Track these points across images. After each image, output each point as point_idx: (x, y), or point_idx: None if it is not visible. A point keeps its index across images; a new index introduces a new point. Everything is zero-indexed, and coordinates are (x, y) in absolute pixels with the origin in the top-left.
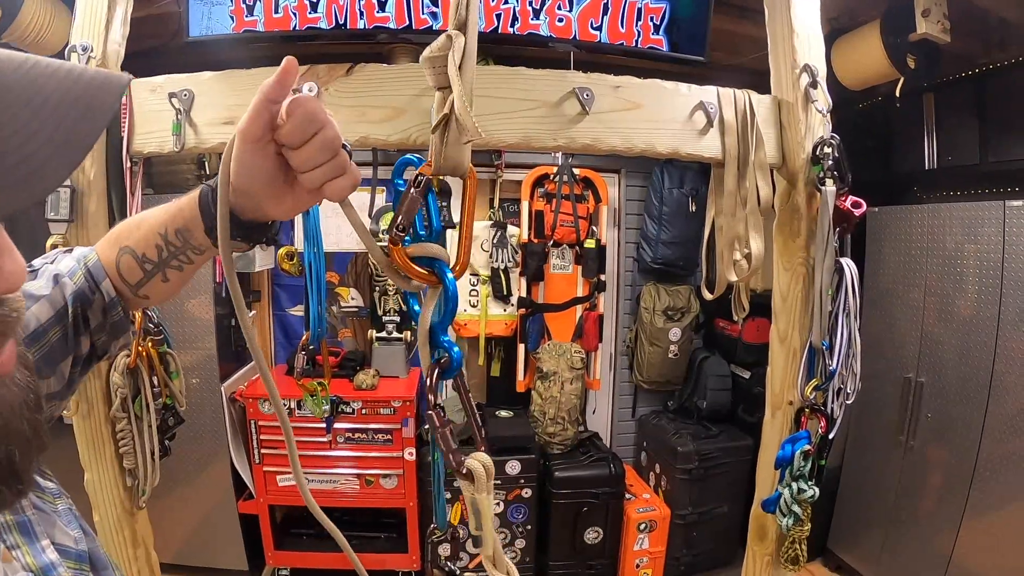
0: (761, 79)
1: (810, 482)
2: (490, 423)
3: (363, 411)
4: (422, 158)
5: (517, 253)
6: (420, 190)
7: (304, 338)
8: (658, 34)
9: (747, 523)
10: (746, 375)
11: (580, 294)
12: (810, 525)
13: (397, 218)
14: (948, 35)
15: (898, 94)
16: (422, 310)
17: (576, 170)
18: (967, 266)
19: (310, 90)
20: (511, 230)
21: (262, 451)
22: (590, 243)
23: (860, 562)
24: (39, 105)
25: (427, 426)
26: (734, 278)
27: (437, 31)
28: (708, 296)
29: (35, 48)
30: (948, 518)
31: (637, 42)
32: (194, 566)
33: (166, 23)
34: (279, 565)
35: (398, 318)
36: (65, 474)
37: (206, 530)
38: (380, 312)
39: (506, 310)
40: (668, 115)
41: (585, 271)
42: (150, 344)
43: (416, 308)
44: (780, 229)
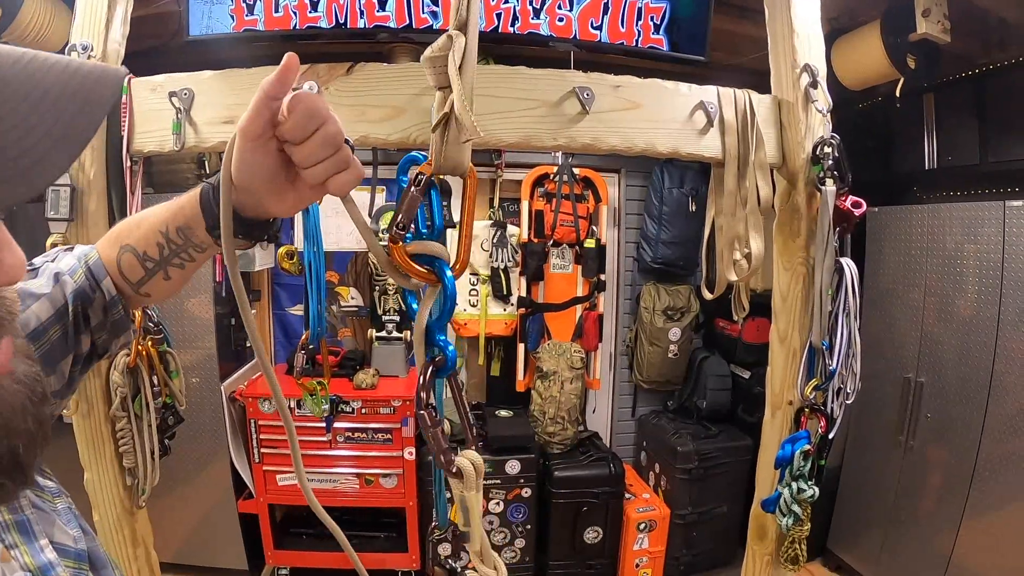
0: (761, 79)
1: (810, 482)
2: (490, 423)
3: (363, 410)
4: (427, 155)
5: (517, 253)
6: (420, 189)
7: (304, 337)
8: (658, 34)
9: (747, 523)
10: (746, 375)
11: (580, 294)
12: (810, 525)
13: (397, 216)
14: (948, 35)
15: (898, 94)
16: (419, 308)
17: (576, 170)
18: (967, 266)
19: (311, 88)
20: (511, 230)
21: (262, 450)
22: (590, 243)
23: (860, 562)
24: (38, 98)
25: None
26: (734, 278)
27: (437, 31)
28: (708, 296)
29: (35, 47)
30: (948, 518)
31: (637, 42)
32: (194, 565)
33: (166, 22)
34: (279, 564)
35: (398, 317)
36: (65, 473)
37: (206, 529)
38: (380, 311)
39: (506, 310)
40: (668, 115)
41: (585, 271)
42: (150, 343)
43: (415, 307)
44: (780, 229)
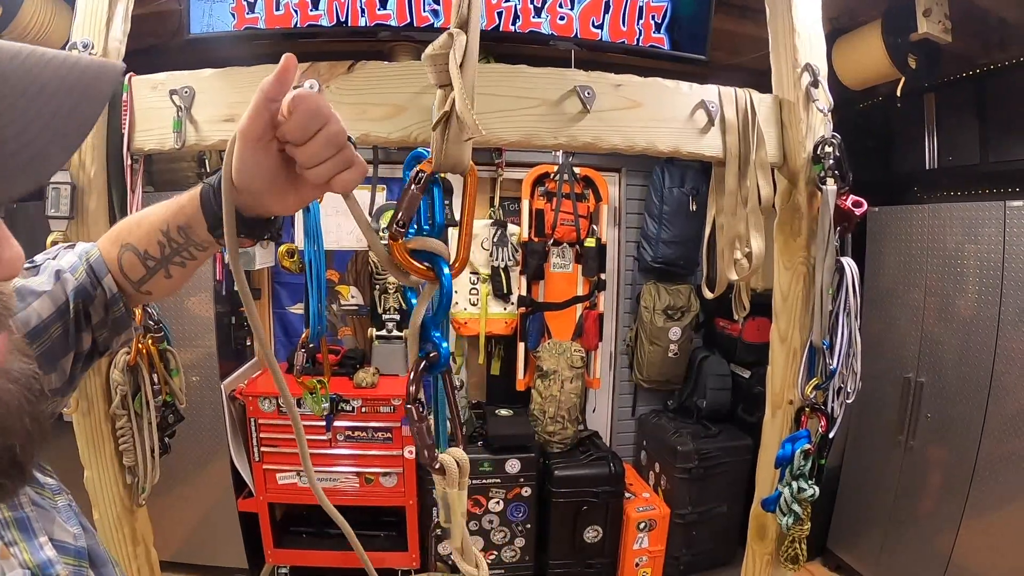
0: (762, 79)
1: (810, 481)
2: (490, 422)
3: (363, 409)
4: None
5: (517, 252)
6: (420, 186)
7: (304, 336)
8: (659, 33)
9: (746, 522)
10: (746, 374)
11: (580, 293)
12: (810, 524)
13: (398, 213)
14: (949, 35)
15: (899, 94)
16: (416, 305)
17: (576, 169)
18: (967, 266)
19: (311, 87)
20: (511, 229)
21: (262, 449)
22: (590, 242)
23: (859, 562)
24: (36, 93)
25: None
26: (735, 277)
27: (438, 29)
28: (708, 295)
29: (36, 45)
30: (948, 518)
31: (638, 41)
32: (194, 564)
33: (167, 20)
34: (279, 563)
35: (398, 316)
36: (65, 472)
37: (206, 528)
38: (380, 310)
39: (506, 309)
40: (669, 114)
41: (585, 270)
42: (150, 341)
43: (415, 303)
44: (781, 228)
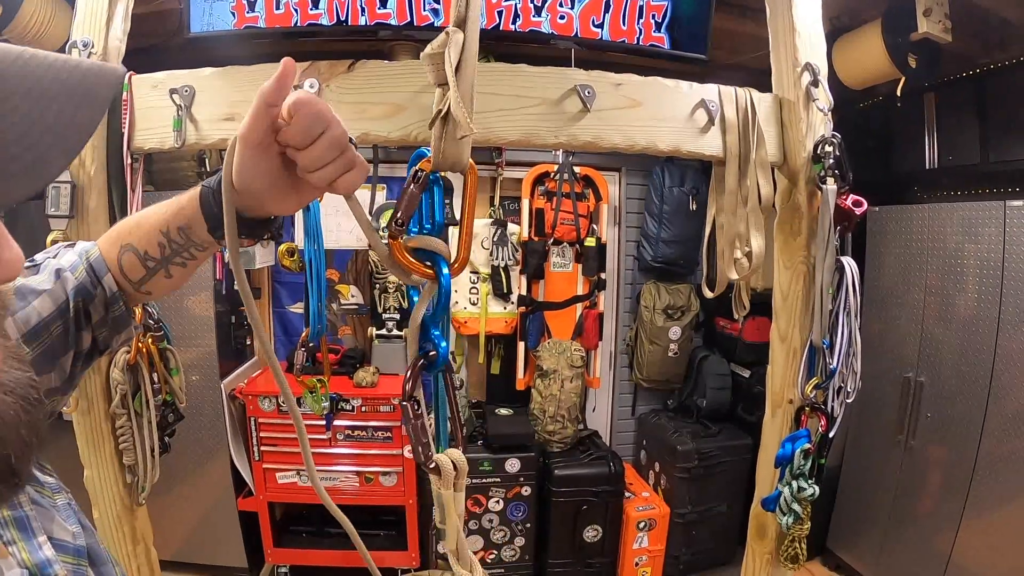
0: (762, 78)
1: (810, 480)
2: (490, 421)
3: (363, 408)
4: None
5: (517, 251)
6: (419, 185)
7: (304, 335)
8: (659, 32)
9: (746, 522)
10: (746, 374)
11: (580, 292)
12: (810, 524)
13: (397, 212)
14: (949, 35)
15: (899, 93)
16: (416, 304)
17: (576, 168)
18: (967, 266)
19: (311, 86)
20: (511, 228)
21: (262, 448)
22: (590, 241)
23: (859, 561)
24: (38, 95)
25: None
26: (735, 276)
27: (438, 28)
28: (709, 294)
29: (36, 44)
30: (947, 517)
31: (638, 40)
32: (194, 563)
33: (167, 19)
34: (278, 563)
35: (398, 315)
36: (65, 471)
37: (206, 527)
38: (380, 309)
39: (506, 308)
40: (669, 113)
41: (585, 269)
42: (150, 340)
43: (417, 301)
44: (781, 227)
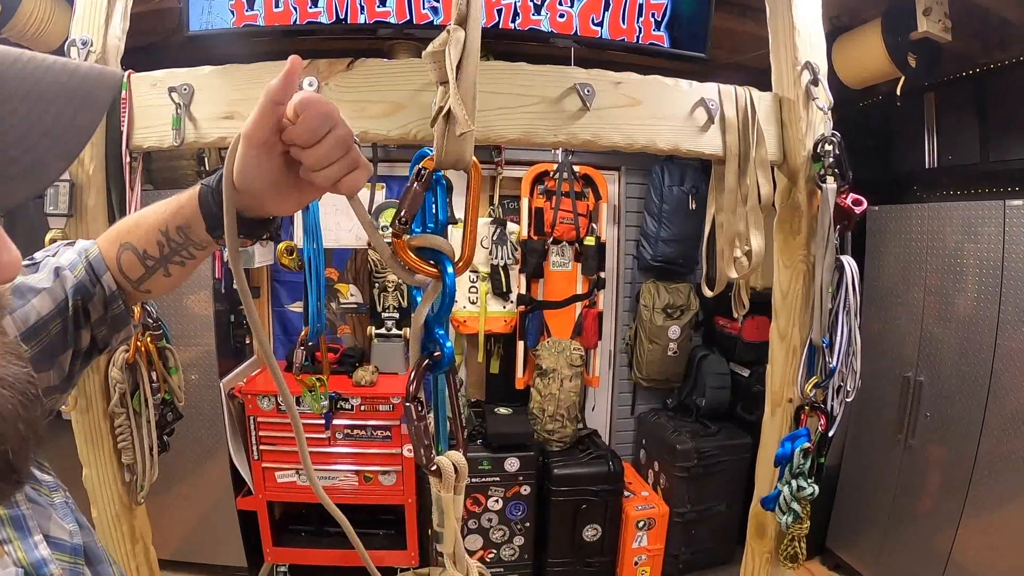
0: (761, 78)
1: (809, 480)
2: (489, 420)
3: (362, 407)
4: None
5: (517, 250)
6: (422, 183)
7: (303, 334)
8: (659, 30)
9: (746, 521)
10: (745, 373)
11: (579, 291)
12: (809, 523)
13: (400, 211)
14: (949, 34)
15: (899, 93)
16: (420, 304)
17: (576, 167)
18: (967, 265)
19: (310, 85)
20: (511, 227)
21: (261, 447)
22: (590, 240)
23: (858, 560)
24: (37, 98)
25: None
26: (734, 275)
27: (438, 26)
28: (708, 293)
29: (35, 43)
30: (947, 517)
31: (638, 38)
32: (193, 562)
33: (166, 18)
34: (277, 562)
35: (397, 315)
36: (63, 469)
37: (205, 526)
38: (379, 308)
39: (505, 307)
40: (669, 111)
41: (585, 268)
42: (149, 339)
43: (420, 300)
44: (781, 226)
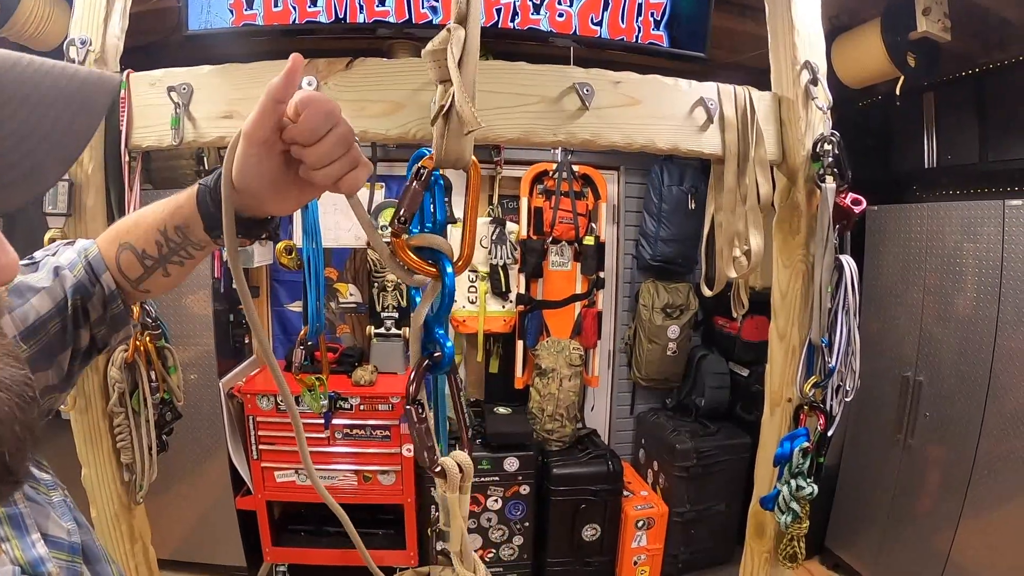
0: (761, 77)
1: (808, 479)
2: (488, 420)
3: (361, 407)
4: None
5: (516, 250)
6: (422, 183)
7: (302, 333)
8: (658, 30)
9: (745, 521)
10: (744, 373)
11: (579, 291)
12: (808, 522)
13: (400, 211)
14: (948, 34)
15: (898, 92)
16: (419, 304)
17: (575, 167)
18: (966, 265)
19: (309, 84)
20: (510, 226)
21: (260, 447)
22: (589, 240)
23: (858, 560)
24: (36, 102)
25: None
26: (734, 275)
27: (437, 26)
28: (707, 293)
29: (34, 42)
30: (946, 517)
31: (637, 38)
32: (192, 562)
33: (165, 18)
34: (277, 561)
35: (396, 314)
36: (62, 469)
37: (204, 526)
38: (378, 308)
39: (505, 307)
40: (668, 111)
41: (584, 268)
42: (148, 339)
43: (419, 300)
44: (780, 226)
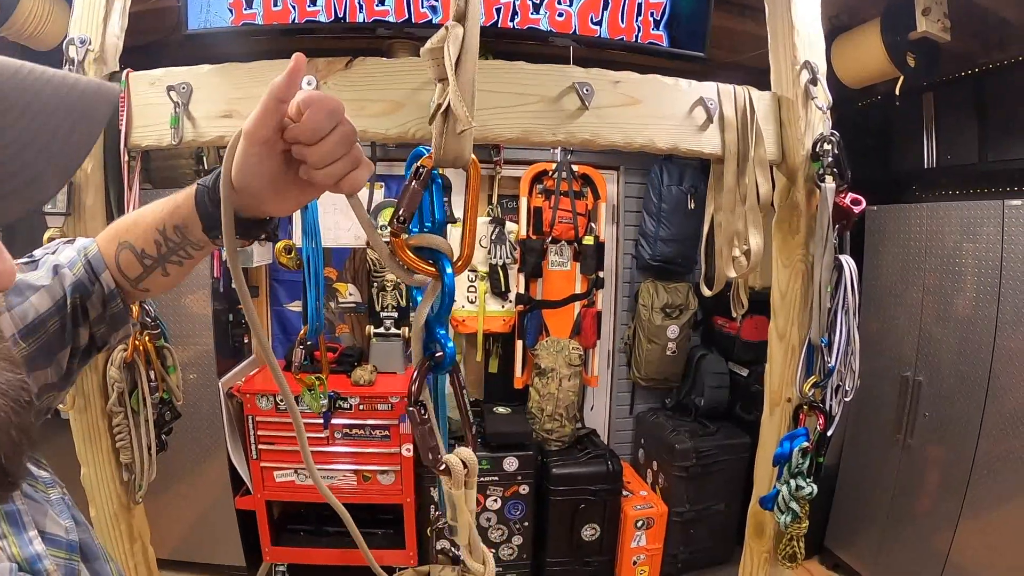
0: (761, 77)
1: (808, 479)
2: (488, 419)
3: (360, 407)
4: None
5: (515, 249)
6: (421, 182)
7: (302, 333)
8: (658, 30)
9: (744, 520)
10: (744, 373)
11: (578, 291)
12: (808, 522)
13: (399, 210)
14: (948, 34)
15: (898, 92)
16: (420, 304)
17: (575, 166)
18: (966, 265)
19: (308, 84)
20: (509, 226)
21: (259, 447)
22: (588, 240)
23: (857, 560)
24: (37, 111)
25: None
26: (733, 274)
27: (437, 25)
28: (707, 292)
29: (33, 42)
30: (945, 516)
31: (637, 37)
32: (191, 562)
33: (165, 17)
34: (276, 561)
35: (396, 314)
36: (61, 468)
37: (203, 526)
38: (378, 308)
39: (504, 306)
40: (668, 111)
41: (583, 268)
42: (147, 338)
43: (420, 299)
44: (779, 226)
